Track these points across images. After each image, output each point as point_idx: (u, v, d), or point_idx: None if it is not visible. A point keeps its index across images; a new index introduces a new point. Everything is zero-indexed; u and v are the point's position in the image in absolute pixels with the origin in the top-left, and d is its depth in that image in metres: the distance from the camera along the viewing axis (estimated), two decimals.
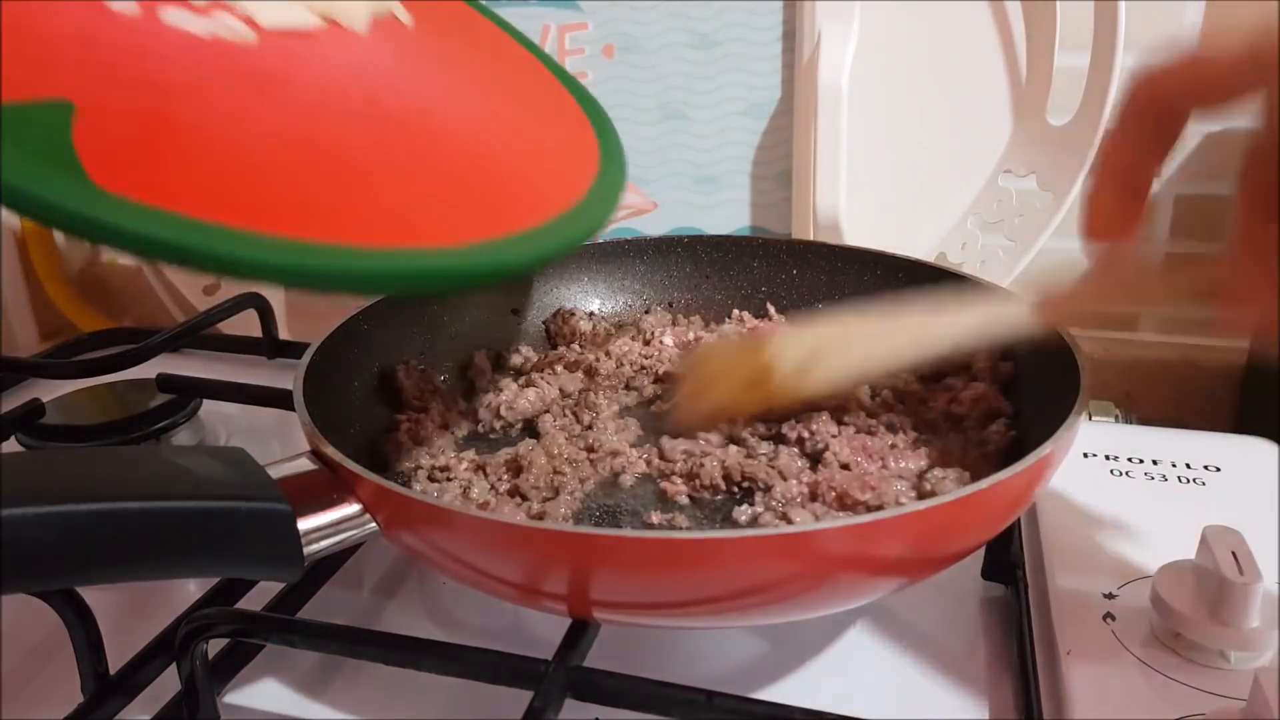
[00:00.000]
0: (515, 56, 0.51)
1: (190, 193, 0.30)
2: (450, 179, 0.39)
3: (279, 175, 0.33)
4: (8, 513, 0.28)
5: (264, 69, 0.37)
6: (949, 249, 0.67)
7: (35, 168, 0.27)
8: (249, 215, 0.31)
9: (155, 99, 0.32)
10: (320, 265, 0.31)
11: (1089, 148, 0.59)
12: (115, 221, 0.28)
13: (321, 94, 0.37)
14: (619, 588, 0.32)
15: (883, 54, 0.63)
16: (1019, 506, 0.35)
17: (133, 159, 0.30)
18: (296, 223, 0.31)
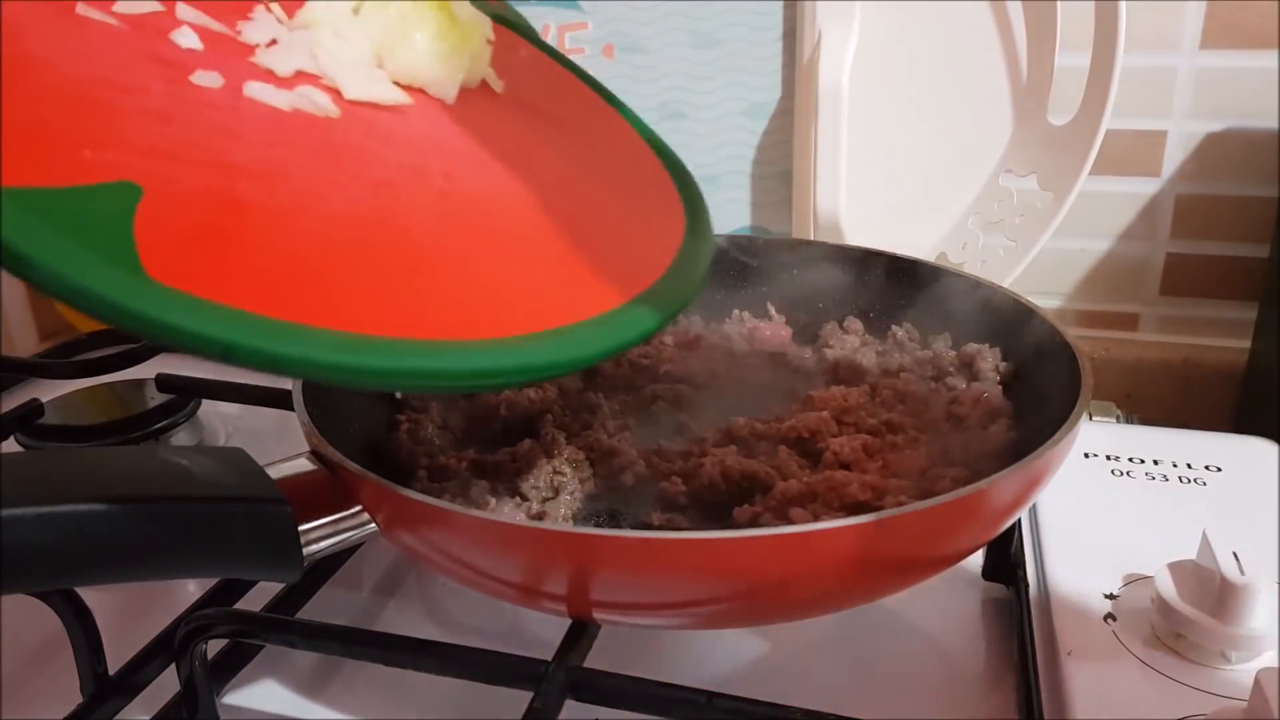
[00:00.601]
0: (601, 118, 0.49)
1: (249, 285, 0.29)
2: (525, 262, 0.37)
3: (347, 260, 0.32)
4: (7, 513, 0.28)
5: (343, 144, 0.36)
6: (950, 249, 0.67)
7: (86, 256, 0.26)
8: (312, 308, 0.29)
9: (226, 179, 0.31)
10: (384, 365, 0.29)
11: (1090, 148, 0.59)
12: (168, 320, 0.26)
13: (400, 171, 0.36)
14: (619, 588, 0.32)
15: (883, 54, 0.63)
16: (1020, 506, 0.35)
17: (192, 248, 0.29)
18: (361, 315, 0.30)
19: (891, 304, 0.54)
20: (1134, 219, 0.66)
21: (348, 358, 0.29)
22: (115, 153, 0.30)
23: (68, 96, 0.30)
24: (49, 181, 0.27)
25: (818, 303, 0.56)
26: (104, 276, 0.26)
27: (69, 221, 0.27)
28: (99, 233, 0.27)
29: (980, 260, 0.65)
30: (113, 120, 0.30)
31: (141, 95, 0.32)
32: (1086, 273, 0.69)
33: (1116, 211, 0.67)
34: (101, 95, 0.31)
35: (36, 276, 0.25)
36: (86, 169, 0.28)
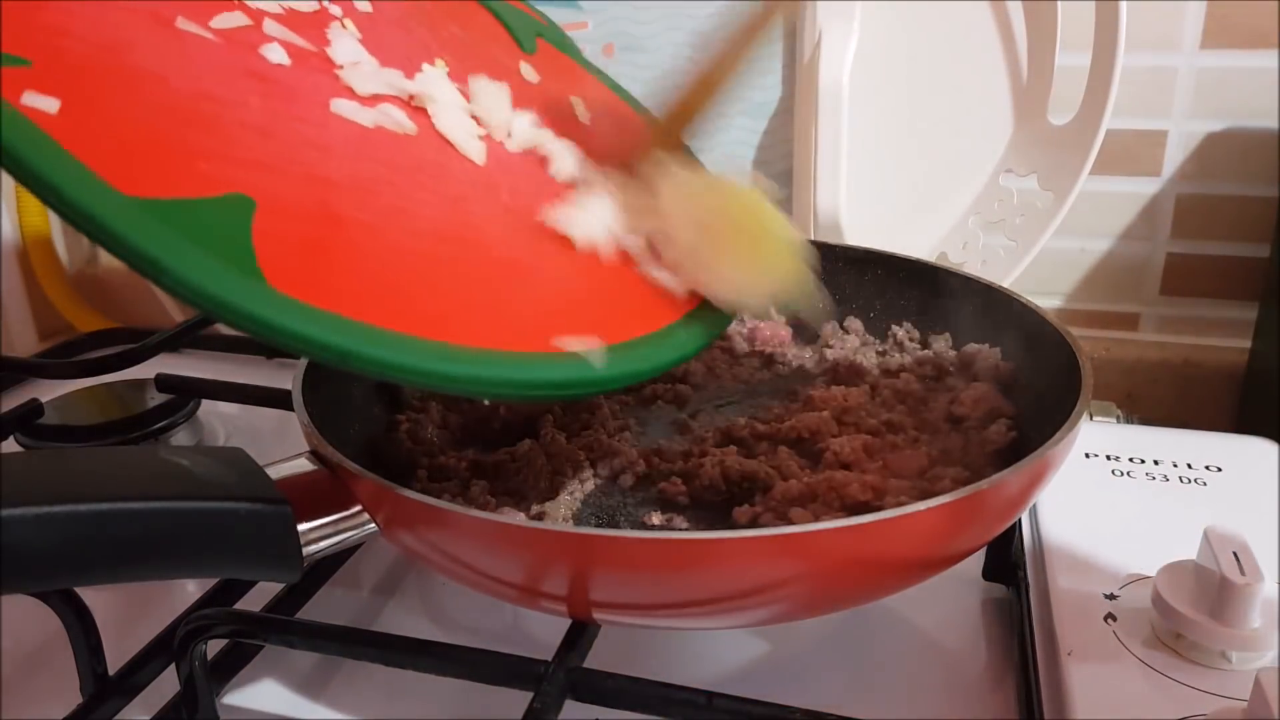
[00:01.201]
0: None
1: (355, 294, 0.30)
2: (589, 277, 0.38)
3: (434, 272, 0.33)
4: (7, 513, 0.28)
5: (421, 160, 0.37)
6: (950, 249, 0.67)
7: (216, 265, 0.28)
8: (411, 317, 0.31)
9: (322, 193, 0.33)
10: (486, 375, 0.31)
11: (1090, 147, 0.59)
12: (294, 327, 0.28)
13: (472, 187, 0.38)
14: (619, 588, 0.32)
15: (883, 53, 0.63)
16: (1020, 507, 0.35)
17: (305, 258, 0.30)
18: (454, 325, 0.32)
19: (891, 304, 0.54)
20: (1134, 219, 0.66)
21: (455, 368, 0.30)
22: (226, 166, 0.31)
23: (179, 110, 0.31)
24: (173, 193, 0.29)
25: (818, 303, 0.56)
26: (235, 286, 0.28)
27: (197, 232, 0.28)
28: (225, 243, 0.29)
29: (981, 260, 0.65)
30: (220, 134, 0.32)
31: (242, 110, 0.33)
32: (1087, 272, 0.68)
33: (1117, 211, 0.66)
34: (207, 109, 0.32)
35: (171, 284, 0.27)
36: (204, 181, 0.30)
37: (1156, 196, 0.65)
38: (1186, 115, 0.63)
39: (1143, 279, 0.68)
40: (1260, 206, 0.64)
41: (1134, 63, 0.61)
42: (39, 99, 0.28)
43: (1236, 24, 0.61)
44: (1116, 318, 0.69)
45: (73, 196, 0.27)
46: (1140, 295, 0.68)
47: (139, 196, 0.28)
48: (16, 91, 0.27)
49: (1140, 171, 0.65)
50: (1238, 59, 0.61)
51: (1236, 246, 0.65)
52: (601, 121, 0.48)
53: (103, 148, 0.28)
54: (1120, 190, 0.66)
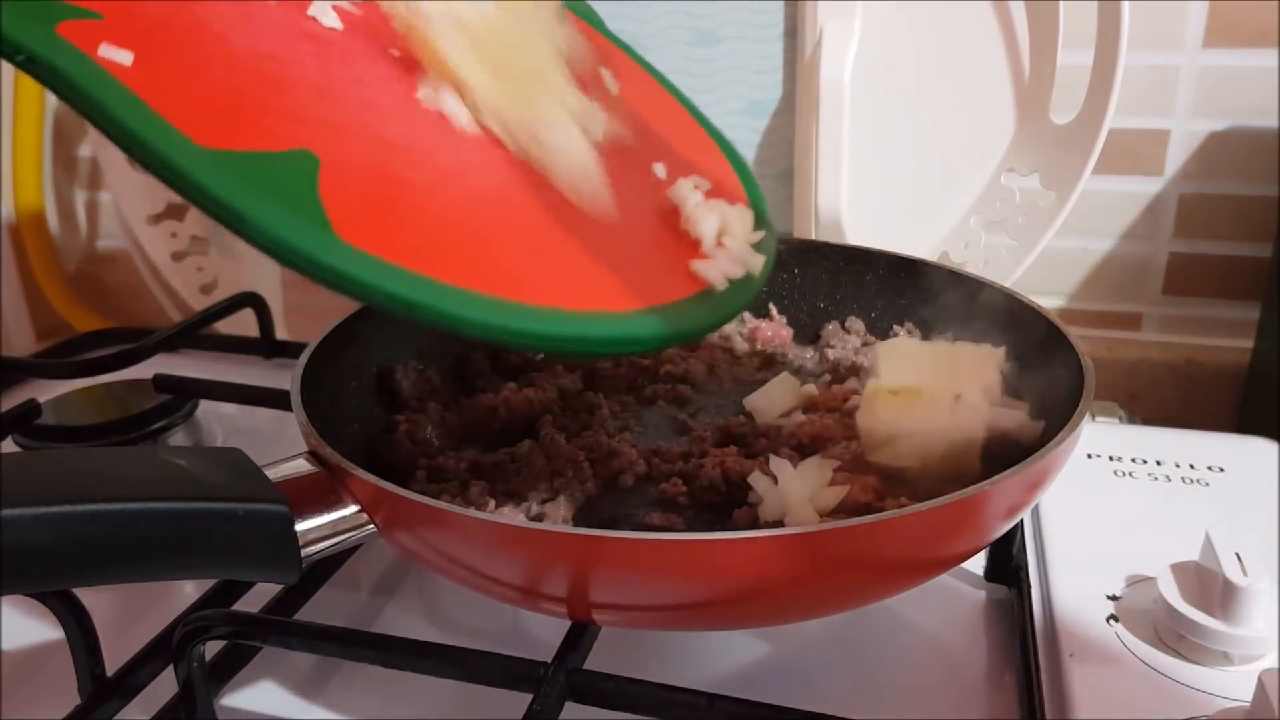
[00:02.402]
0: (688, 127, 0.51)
1: (419, 249, 0.31)
2: (629, 242, 0.39)
3: (490, 232, 0.35)
4: (5, 513, 0.28)
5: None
6: (951, 248, 0.66)
7: (290, 218, 0.29)
8: (469, 273, 0.32)
9: (380, 153, 0.34)
10: (550, 331, 0.33)
11: (1093, 146, 0.59)
12: (362, 276, 0.29)
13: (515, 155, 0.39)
14: (619, 590, 0.32)
15: (885, 52, 0.63)
16: (1022, 508, 0.35)
17: (368, 213, 0.31)
18: (513, 282, 0.33)
19: (893, 304, 0.54)
20: (1137, 218, 0.66)
21: (516, 323, 0.32)
22: (291, 123, 0.32)
23: (244, 67, 0.32)
24: (245, 146, 0.30)
25: (818, 302, 0.56)
26: (309, 236, 0.29)
27: (270, 183, 0.29)
28: (295, 196, 0.30)
29: (982, 260, 0.65)
30: (283, 92, 0.33)
31: (300, 69, 0.34)
32: (1089, 272, 0.68)
33: (1119, 211, 0.66)
34: (268, 69, 0.33)
35: (251, 232, 0.28)
36: (272, 137, 0.31)
37: (1159, 196, 0.65)
38: (1189, 114, 0.63)
39: (1145, 279, 0.68)
40: (1263, 206, 0.64)
41: (1136, 62, 0.61)
42: (115, 51, 0.29)
43: (1239, 23, 0.60)
44: (1119, 317, 0.69)
45: (156, 146, 0.28)
46: (1142, 295, 0.68)
47: (212, 148, 0.29)
48: (93, 44, 0.28)
49: (1142, 171, 0.65)
50: (1240, 58, 0.61)
51: (1239, 246, 0.65)
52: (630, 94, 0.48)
53: (176, 100, 0.29)
54: (1122, 190, 0.66)
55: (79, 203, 0.86)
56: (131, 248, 0.80)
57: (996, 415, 0.41)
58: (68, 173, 0.85)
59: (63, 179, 0.85)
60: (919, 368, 0.43)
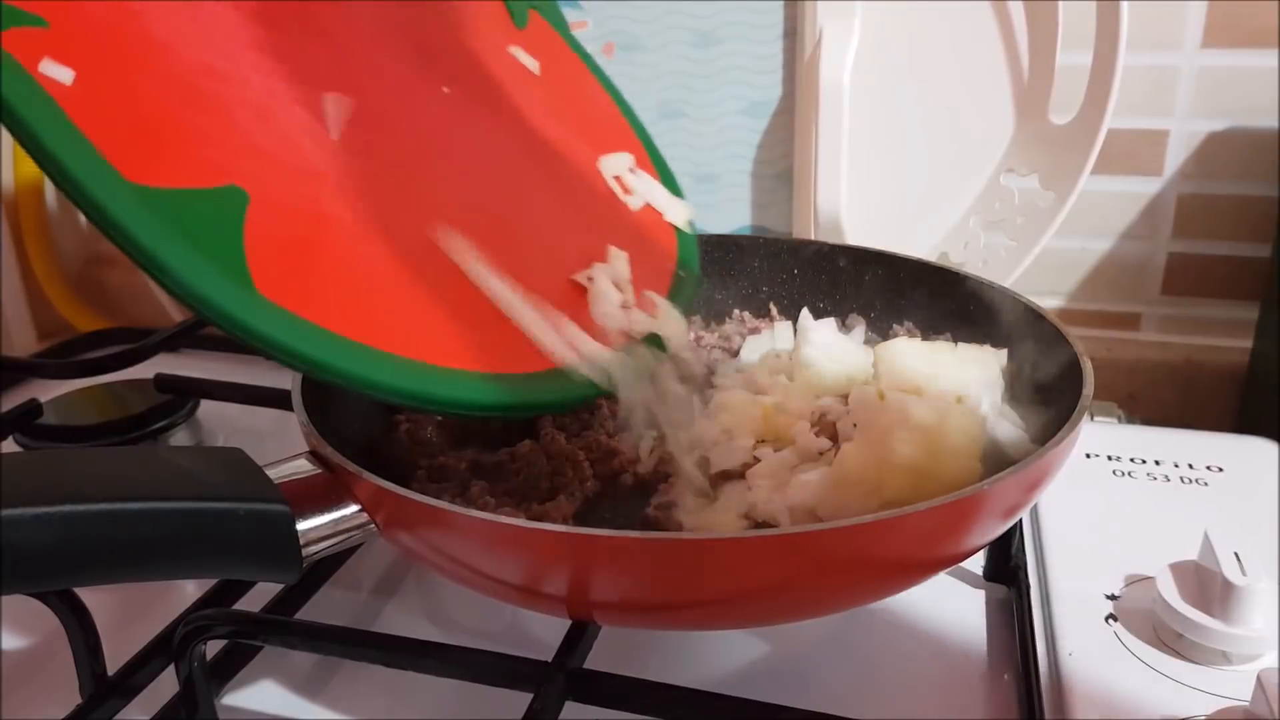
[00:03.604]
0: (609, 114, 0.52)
1: (334, 304, 0.31)
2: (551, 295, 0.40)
3: (405, 288, 0.34)
4: (6, 513, 0.28)
5: (405, 155, 0.38)
6: (951, 248, 0.66)
7: (211, 269, 0.29)
8: (379, 332, 0.32)
9: (314, 190, 0.33)
10: (457, 397, 0.33)
11: (1092, 147, 0.59)
12: (274, 336, 0.30)
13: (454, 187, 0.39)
14: (619, 589, 0.32)
15: (884, 52, 0.63)
16: (1021, 507, 0.35)
17: (289, 262, 0.31)
18: (427, 344, 0.34)
19: (893, 304, 0.54)
20: (1136, 218, 0.66)
21: (423, 388, 0.32)
22: (224, 153, 0.31)
23: (182, 87, 0.31)
24: (173, 182, 0.29)
25: (818, 302, 0.56)
26: (225, 290, 0.29)
27: (194, 227, 0.29)
28: (217, 241, 0.29)
29: (982, 260, 0.65)
30: (219, 115, 0.32)
31: (242, 87, 0.33)
32: (1088, 272, 0.68)
33: (1118, 211, 0.66)
34: (209, 86, 0.32)
35: (167, 281, 0.28)
36: (202, 170, 0.30)
37: (1158, 196, 0.65)
38: (1188, 115, 0.63)
39: (1144, 279, 0.68)
40: (1261, 206, 0.64)
41: (1135, 62, 0.61)
42: (56, 68, 0.28)
43: (1238, 23, 0.60)
44: (1118, 318, 0.69)
45: (83, 182, 0.27)
46: (1141, 295, 0.68)
47: (141, 184, 0.28)
48: (35, 58, 0.27)
49: (1141, 171, 0.65)
50: (1239, 58, 0.61)
51: (1238, 246, 0.65)
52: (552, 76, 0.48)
53: (111, 127, 0.28)
54: (1121, 190, 0.66)
55: None
56: None
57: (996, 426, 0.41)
58: None
59: None
60: (919, 368, 0.43)
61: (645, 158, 0.50)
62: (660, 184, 0.49)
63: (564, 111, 0.47)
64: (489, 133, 0.42)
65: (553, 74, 0.48)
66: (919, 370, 0.43)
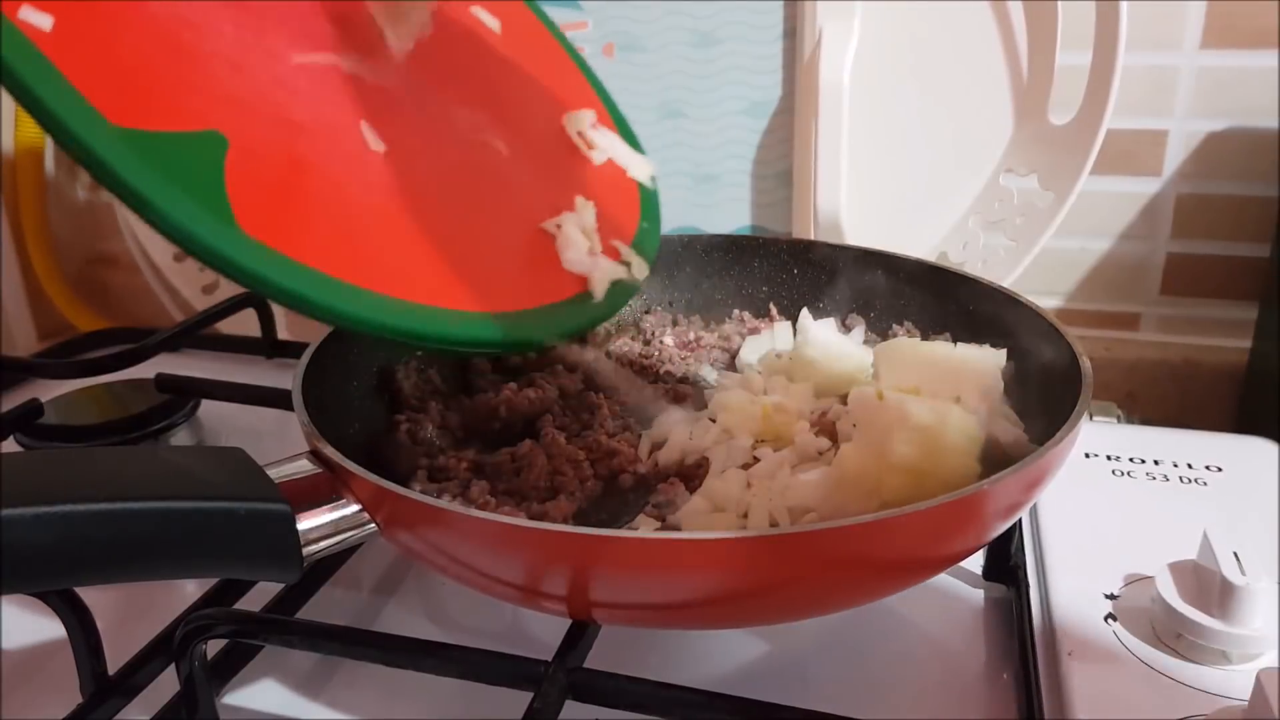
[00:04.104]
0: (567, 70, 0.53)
1: (314, 243, 0.32)
2: (520, 239, 0.41)
3: (386, 227, 0.36)
4: (7, 513, 0.28)
5: (379, 105, 0.38)
6: (950, 248, 0.67)
7: (196, 207, 0.30)
8: (365, 270, 0.33)
9: (289, 136, 0.34)
10: (438, 332, 0.35)
11: (1091, 147, 0.59)
12: (258, 270, 0.30)
13: (425, 140, 0.40)
14: (619, 588, 0.32)
15: (884, 53, 0.63)
16: (1020, 507, 0.35)
17: (270, 203, 0.32)
18: (404, 281, 0.35)
19: (892, 304, 0.54)
20: (1135, 218, 0.66)
21: (400, 321, 0.33)
22: (203, 100, 0.32)
23: (159, 37, 0.32)
24: (155, 125, 0.30)
25: (818, 302, 0.56)
26: (210, 226, 0.30)
27: (177, 168, 0.30)
28: (201, 183, 0.30)
29: (981, 260, 0.65)
30: (196, 65, 0.33)
31: (216, 39, 0.34)
32: (1087, 272, 0.68)
33: (1117, 211, 0.66)
34: (185, 37, 0.33)
35: (153, 218, 0.29)
36: (184, 115, 0.31)
37: (1157, 196, 0.65)
38: (1187, 115, 0.63)
39: (1143, 279, 0.68)
40: (1260, 206, 0.64)
41: (1135, 62, 0.61)
42: (34, 14, 0.29)
43: (1237, 24, 0.61)
44: (1117, 318, 0.69)
45: (70, 125, 0.28)
46: (1140, 295, 0.68)
47: (125, 127, 0.29)
48: (14, 6, 0.28)
49: (1141, 171, 0.65)
50: (1238, 59, 0.61)
51: (1237, 246, 0.65)
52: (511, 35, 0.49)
53: (93, 73, 0.29)
54: (1121, 190, 0.66)
55: (81, 202, 0.87)
56: (133, 248, 0.80)
57: (994, 425, 0.41)
58: (70, 173, 0.85)
59: (65, 179, 0.85)
60: (918, 368, 0.43)
61: (605, 114, 0.51)
62: (622, 140, 0.50)
63: (526, 69, 0.48)
64: (457, 89, 0.43)
65: (513, 33, 0.49)
66: (918, 370, 0.43)
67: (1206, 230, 0.65)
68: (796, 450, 0.42)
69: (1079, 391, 0.38)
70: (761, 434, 0.44)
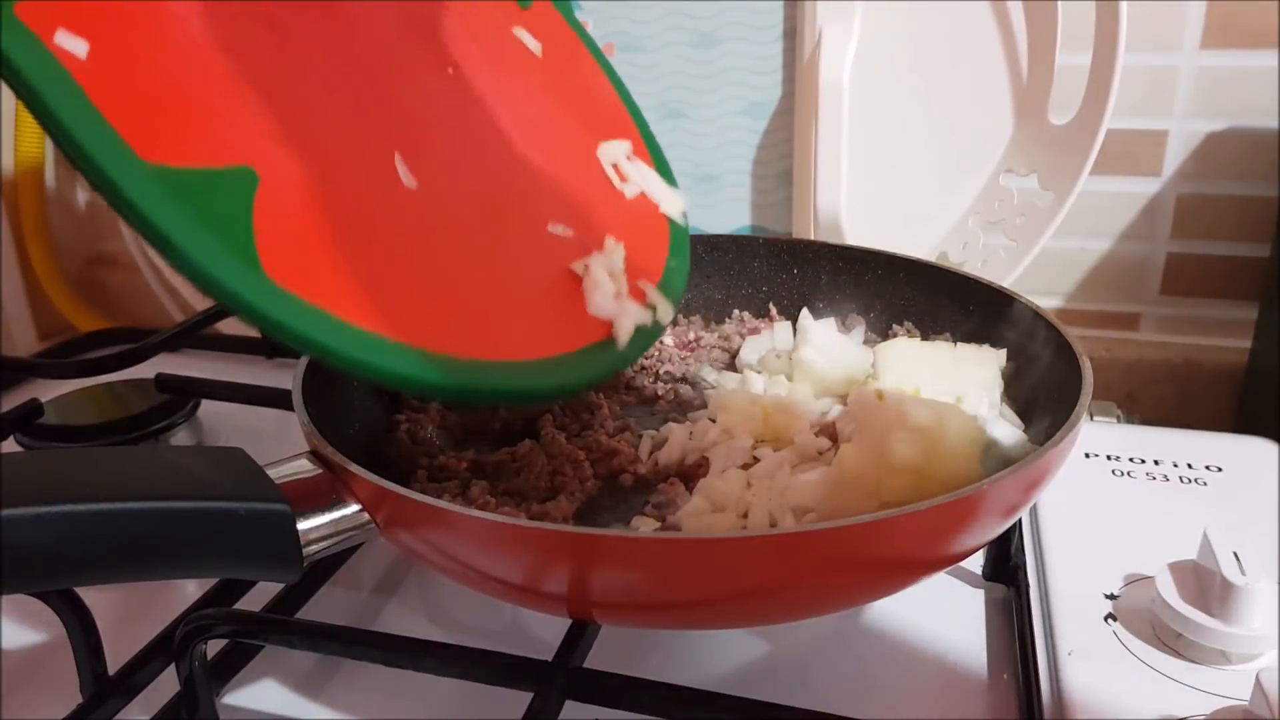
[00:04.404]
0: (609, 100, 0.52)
1: (339, 289, 0.31)
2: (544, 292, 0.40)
3: (411, 272, 0.35)
4: (7, 513, 0.28)
5: (409, 131, 0.38)
6: (950, 248, 0.67)
7: (222, 252, 0.29)
8: (390, 319, 0.32)
9: (321, 170, 0.33)
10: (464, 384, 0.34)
11: (1091, 147, 0.59)
12: (283, 320, 0.29)
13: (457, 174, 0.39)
14: (619, 588, 0.32)
15: (884, 53, 0.63)
16: (1020, 507, 0.35)
17: (296, 246, 0.31)
18: (431, 330, 0.33)
19: (892, 304, 0.54)
20: (1135, 218, 0.66)
21: (422, 374, 0.32)
22: (234, 132, 0.31)
23: (196, 63, 0.31)
24: (186, 161, 0.29)
25: (818, 303, 0.56)
26: (236, 273, 0.29)
27: (205, 208, 0.29)
28: (228, 225, 0.29)
29: (981, 260, 0.65)
30: (229, 93, 0.32)
31: (251, 63, 0.33)
32: (1087, 272, 0.68)
33: (1117, 211, 0.66)
34: (219, 62, 0.32)
35: (179, 263, 0.28)
36: (214, 150, 0.30)
37: (1157, 196, 0.65)
38: (1187, 115, 0.63)
39: (1143, 279, 0.68)
40: (1260, 206, 0.64)
41: (1134, 62, 0.61)
42: (70, 40, 0.27)
43: (1237, 24, 0.61)
44: (1117, 318, 0.69)
45: (100, 162, 0.27)
46: (1140, 295, 0.68)
47: (156, 164, 0.28)
48: (50, 28, 0.27)
49: (1141, 171, 0.65)
50: (1238, 59, 0.61)
51: (1237, 246, 0.65)
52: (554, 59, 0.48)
53: (125, 103, 0.28)
54: (1121, 190, 0.66)
55: (81, 203, 0.87)
56: (134, 248, 0.80)
57: (994, 425, 0.41)
58: (70, 173, 0.85)
59: (65, 179, 0.85)
60: (918, 368, 0.43)
61: (642, 146, 0.50)
62: (656, 173, 0.49)
63: (564, 95, 0.47)
64: (491, 116, 0.43)
65: (554, 56, 0.48)
66: (918, 370, 0.43)
67: (1206, 230, 0.65)
68: (796, 450, 0.42)
69: (1079, 391, 0.38)
70: (761, 434, 0.44)
